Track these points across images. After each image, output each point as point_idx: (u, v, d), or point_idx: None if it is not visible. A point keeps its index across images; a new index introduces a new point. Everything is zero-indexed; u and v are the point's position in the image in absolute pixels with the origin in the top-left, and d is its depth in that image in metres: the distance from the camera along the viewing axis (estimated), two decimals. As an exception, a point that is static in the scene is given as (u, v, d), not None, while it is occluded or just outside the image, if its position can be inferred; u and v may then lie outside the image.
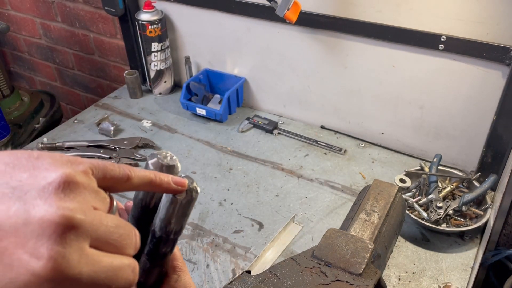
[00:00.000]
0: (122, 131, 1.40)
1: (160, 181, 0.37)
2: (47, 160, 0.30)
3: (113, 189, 0.34)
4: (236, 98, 1.47)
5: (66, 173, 0.29)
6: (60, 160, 0.30)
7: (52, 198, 0.28)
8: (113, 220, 0.31)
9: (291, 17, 1.11)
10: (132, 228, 0.33)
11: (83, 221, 0.28)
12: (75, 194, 0.29)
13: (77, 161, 0.31)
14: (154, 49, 1.46)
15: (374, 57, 1.19)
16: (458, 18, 1.03)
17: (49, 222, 0.27)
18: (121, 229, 0.31)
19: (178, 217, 0.39)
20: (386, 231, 0.84)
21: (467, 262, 0.97)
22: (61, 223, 0.27)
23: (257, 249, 1.01)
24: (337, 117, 1.36)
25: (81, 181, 0.30)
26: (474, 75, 1.08)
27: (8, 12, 2.01)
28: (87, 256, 0.28)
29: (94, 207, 0.30)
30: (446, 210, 1.01)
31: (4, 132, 1.52)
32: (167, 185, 0.37)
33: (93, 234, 0.29)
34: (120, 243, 0.31)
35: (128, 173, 0.34)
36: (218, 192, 1.16)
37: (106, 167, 0.33)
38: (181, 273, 0.46)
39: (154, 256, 0.42)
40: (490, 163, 1.13)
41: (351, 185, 1.18)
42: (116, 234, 0.31)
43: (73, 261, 0.27)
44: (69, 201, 0.28)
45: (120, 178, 0.34)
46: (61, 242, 0.27)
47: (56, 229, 0.27)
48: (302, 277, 0.70)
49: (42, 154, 0.30)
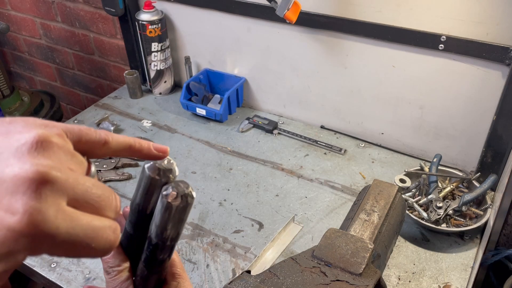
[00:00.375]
0: (122, 131, 1.40)
1: (140, 146, 0.36)
2: (20, 124, 0.29)
3: (91, 154, 0.34)
4: (236, 98, 1.47)
5: (39, 134, 0.29)
6: (34, 123, 0.30)
7: (26, 157, 0.27)
8: (90, 180, 0.30)
9: (291, 17, 1.11)
10: (111, 191, 0.32)
11: (58, 177, 0.28)
12: (50, 153, 0.29)
13: (51, 124, 0.31)
14: (154, 49, 1.46)
15: (374, 57, 1.19)
16: (458, 18, 1.03)
17: (23, 179, 0.26)
18: (100, 190, 0.31)
19: (174, 223, 0.38)
20: (386, 231, 0.84)
21: (467, 262, 0.97)
22: (36, 178, 0.27)
23: (257, 249, 1.01)
24: (337, 117, 1.36)
25: (56, 141, 0.29)
26: (474, 75, 1.08)
27: (8, 12, 2.01)
28: (64, 213, 0.27)
29: (70, 168, 0.30)
30: (446, 210, 1.01)
31: (4, 132, 1.52)
32: (147, 150, 0.37)
33: (70, 192, 0.28)
34: (99, 204, 0.30)
35: (105, 137, 0.34)
36: (218, 192, 1.16)
37: (82, 131, 0.33)
38: (180, 279, 0.45)
39: (151, 263, 0.42)
40: (490, 163, 1.13)
41: (351, 185, 1.18)
42: (95, 195, 0.30)
43: (50, 216, 0.26)
44: (43, 159, 0.28)
45: (97, 142, 0.33)
46: (36, 197, 0.26)
47: (31, 184, 0.26)
48: (302, 277, 0.71)
49: (15, 119, 0.30)
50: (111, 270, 0.42)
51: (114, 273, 0.42)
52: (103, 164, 1.23)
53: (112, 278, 0.42)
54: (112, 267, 0.42)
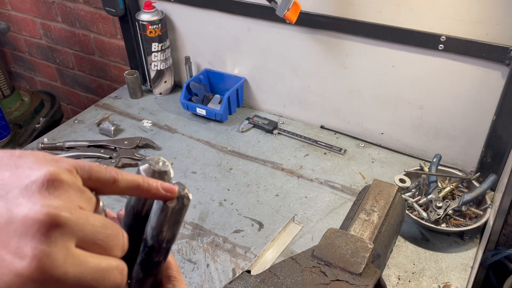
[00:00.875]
0: (122, 131, 1.40)
1: (149, 186, 0.35)
2: (30, 159, 0.29)
3: (99, 191, 0.33)
4: (236, 98, 1.47)
5: (50, 171, 0.28)
6: (44, 159, 0.29)
7: (36, 197, 0.27)
8: (99, 219, 0.30)
9: (291, 17, 1.12)
10: (120, 229, 0.32)
11: (68, 219, 0.27)
12: (60, 192, 0.28)
13: (61, 160, 0.30)
14: (154, 49, 1.46)
15: (374, 57, 1.19)
16: (458, 18, 1.03)
17: (32, 221, 0.26)
18: (108, 229, 0.30)
19: (169, 225, 0.38)
20: (385, 231, 0.84)
21: (466, 262, 0.97)
22: (46, 221, 0.26)
23: (257, 249, 1.01)
24: (337, 117, 1.36)
25: (66, 179, 0.29)
26: (473, 75, 1.09)
27: (9, 12, 2.01)
28: (73, 256, 0.27)
29: (79, 207, 0.29)
30: (445, 210, 1.01)
31: (4, 132, 1.53)
32: (155, 190, 0.36)
33: (79, 233, 0.28)
34: (107, 244, 0.30)
35: (115, 176, 0.33)
36: (218, 192, 1.16)
37: (92, 168, 0.32)
38: (176, 282, 0.44)
39: (147, 266, 0.41)
40: (490, 163, 1.13)
41: (351, 185, 1.18)
42: (103, 234, 0.30)
43: (58, 261, 0.26)
44: (54, 199, 0.27)
45: (107, 181, 0.33)
46: (46, 241, 0.26)
47: (40, 227, 0.26)
48: (302, 277, 0.71)
49: (24, 153, 0.29)
50: None
51: None
52: (103, 164, 1.23)
53: None
54: None
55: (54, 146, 1.30)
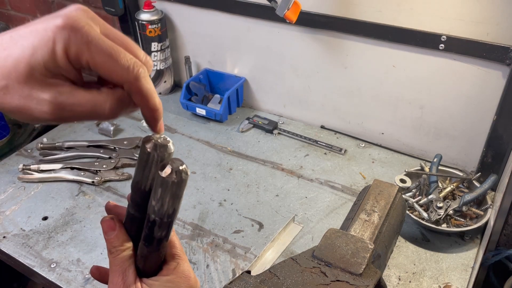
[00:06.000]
0: (122, 131, 1.40)
1: (121, 59, 0.39)
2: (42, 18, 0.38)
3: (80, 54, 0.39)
4: (236, 98, 1.46)
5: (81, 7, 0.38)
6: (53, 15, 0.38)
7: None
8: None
9: (291, 17, 1.11)
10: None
11: (96, 16, 0.38)
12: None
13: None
14: (154, 49, 1.46)
15: (374, 57, 1.19)
16: (458, 18, 1.03)
17: (64, 12, 0.36)
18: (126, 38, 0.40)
19: (169, 198, 0.40)
20: (386, 231, 0.84)
21: (467, 262, 0.97)
22: (75, 7, 0.37)
23: (257, 249, 1.01)
24: (337, 117, 1.36)
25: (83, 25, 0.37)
26: (474, 75, 1.08)
27: (8, 12, 2.00)
28: (95, 29, 0.37)
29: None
30: (446, 210, 1.01)
31: (3, 132, 1.52)
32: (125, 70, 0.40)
33: (101, 26, 0.38)
34: (126, 43, 0.39)
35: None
36: (218, 192, 1.16)
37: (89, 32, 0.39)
38: (180, 260, 0.47)
39: (150, 241, 0.44)
40: (490, 163, 1.13)
41: (351, 185, 1.18)
42: (122, 37, 0.39)
43: (83, 22, 0.36)
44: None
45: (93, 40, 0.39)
46: (73, 10, 0.36)
47: (71, 8, 0.37)
48: (302, 277, 0.70)
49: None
50: (114, 249, 0.45)
51: (117, 253, 0.45)
52: (102, 164, 1.23)
53: (115, 257, 0.45)
54: (115, 247, 0.45)
55: (54, 146, 1.30)
